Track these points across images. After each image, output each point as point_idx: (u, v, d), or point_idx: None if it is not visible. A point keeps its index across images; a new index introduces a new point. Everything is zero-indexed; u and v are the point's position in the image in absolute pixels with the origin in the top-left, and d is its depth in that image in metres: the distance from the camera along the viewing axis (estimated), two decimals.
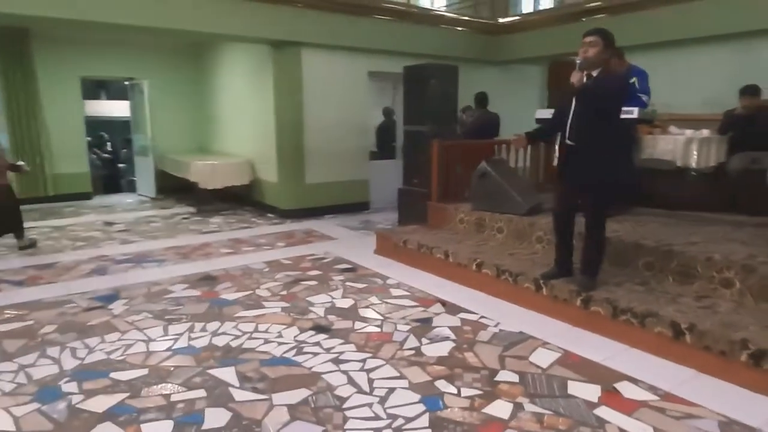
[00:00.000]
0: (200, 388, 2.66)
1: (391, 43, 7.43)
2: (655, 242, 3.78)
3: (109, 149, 11.52)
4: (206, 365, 2.91)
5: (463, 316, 3.65)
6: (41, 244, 5.66)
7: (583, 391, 2.62)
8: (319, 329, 3.42)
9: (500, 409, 2.46)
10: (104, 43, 8.49)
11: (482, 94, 6.82)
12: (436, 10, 9.32)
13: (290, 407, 2.48)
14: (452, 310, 3.77)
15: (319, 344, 3.19)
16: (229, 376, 2.78)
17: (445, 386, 2.67)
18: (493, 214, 4.96)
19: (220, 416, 2.41)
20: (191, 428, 2.32)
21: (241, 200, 8.20)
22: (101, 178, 10.15)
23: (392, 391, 2.63)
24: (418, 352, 3.09)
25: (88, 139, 9.19)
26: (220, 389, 2.65)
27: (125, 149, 10.98)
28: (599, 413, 2.42)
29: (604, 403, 2.50)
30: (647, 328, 3.04)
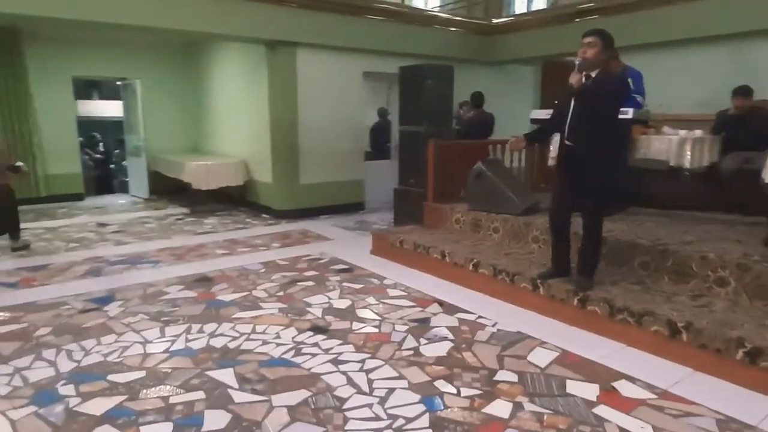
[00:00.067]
0: (199, 389, 2.65)
1: (385, 43, 7.43)
2: (650, 242, 3.82)
3: (101, 150, 11.43)
4: (204, 367, 2.89)
5: (460, 316, 3.66)
6: (34, 245, 5.60)
7: (581, 390, 2.63)
8: (317, 330, 3.41)
9: (500, 408, 2.47)
10: (96, 42, 8.42)
11: (478, 93, 6.85)
12: (429, 10, 9.34)
13: (290, 408, 2.47)
14: (450, 310, 3.78)
15: (317, 345, 3.18)
16: (227, 377, 2.77)
17: (444, 386, 2.68)
18: (489, 214, 4.98)
19: (219, 418, 2.40)
20: (191, 430, 2.30)
21: (235, 201, 8.16)
22: (93, 178, 10.06)
23: (392, 391, 2.63)
24: (416, 352, 3.09)
25: (80, 139, 9.11)
26: (219, 391, 2.64)
27: (118, 150, 10.90)
28: (598, 412, 2.43)
29: (602, 401, 2.52)
30: (644, 327, 3.07)
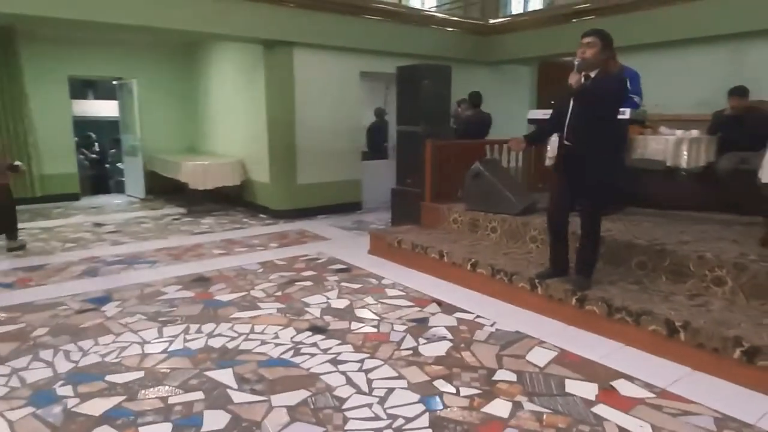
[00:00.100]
0: (198, 390, 2.64)
1: (382, 43, 7.43)
2: (647, 241, 3.83)
3: (96, 150, 11.38)
4: (203, 367, 2.88)
5: (459, 315, 3.66)
6: (30, 245, 5.57)
7: (580, 389, 2.64)
8: (315, 330, 3.41)
9: (499, 408, 2.48)
10: (92, 42, 8.39)
11: (476, 93, 6.86)
12: (426, 10, 9.35)
13: (290, 408, 2.47)
14: (448, 309, 3.78)
15: (316, 345, 3.18)
16: (226, 377, 2.77)
17: (443, 386, 2.68)
18: (486, 214, 4.98)
19: (219, 418, 2.39)
20: (190, 430, 2.30)
21: (232, 201, 8.14)
22: (89, 178, 10.02)
23: (391, 391, 2.63)
24: (415, 352, 3.09)
25: (75, 139, 9.07)
26: (218, 391, 2.63)
27: (114, 149, 10.86)
28: (597, 411, 2.44)
29: (601, 401, 2.53)
30: (642, 326, 3.08)
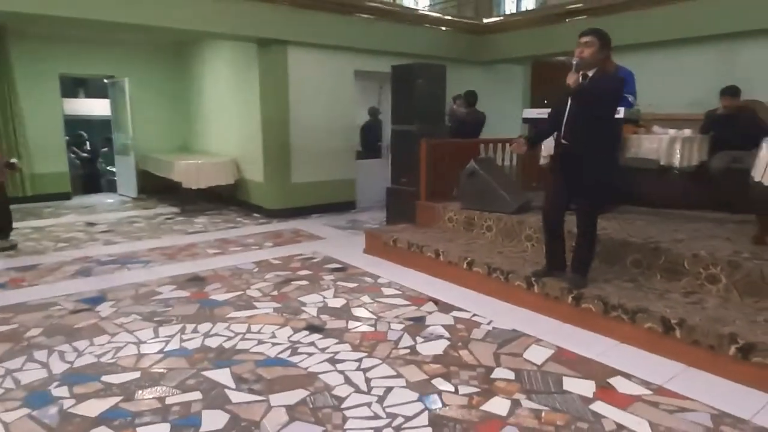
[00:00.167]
0: (195, 390, 2.62)
1: (377, 42, 7.43)
2: (642, 240, 3.85)
3: (88, 148, 11.28)
4: (200, 367, 2.87)
5: (456, 314, 3.67)
6: (21, 245, 5.51)
7: (578, 386, 2.65)
8: (312, 329, 3.40)
9: (498, 406, 2.48)
10: (84, 40, 8.32)
11: (471, 92, 6.87)
12: (420, 9, 9.35)
13: (288, 408, 2.46)
14: (445, 308, 3.78)
15: (313, 344, 3.17)
16: (224, 377, 2.75)
17: (442, 384, 2.68)
18: (481, 212, 5.00)
19: (217, 418, 2.38)
20: (189, 431, 2.28)
21: (225, 200, 8.10)
22: (80, 177, 9.94)
23: (390, 390, 2.63)
24: (413, 350, 3.09)
25: (66, 138, 8.98)
26: (215, 391, 2.61)
27: (105, 148, 10.78)
28: (595, 408, 2.46)
29: (599, 398, 2.54)
30: (638, 324, 3.10)
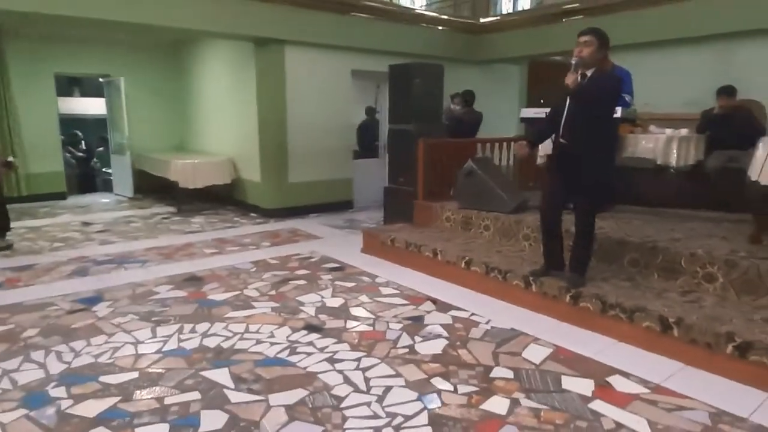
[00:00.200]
0: (194, 390, 2.62)
1: (374, 41, 7.42)
2: (639, 239, 3.87)
3: (83, 148, 11.21)
4: (198, 367, 2.86)
5: (454, 313, 3.67)
6: (17, 245, 5.48)
7: (576, 385, 2.66)
8: (311, 329, 3.39)
9: (497, 405, 2.49)
10: (79, 39, 8.28)
11: (470, 92, 6.88)
12: (417, 9, 9.35)
13: (288, 408, 2.45)
14: (443, 307, 3.79)
15: (312, 344, 3.17)
16: (222, 377, 2.74)
17: (441, 383, 2.68)
18: (479, 212, 5.00)
19: (216, 418, 2.37)
20: (188, 431, 2.28)
21: (222, 200, 8.08)
22: (76, 177, 9.87)
23: (389, 389, 2.63)
24: (411, 350, 3.09)
25: (61, 137, 8.93)
26: (214, 391, 2.61)
27: (101, 147, 10.72)
28: (594, 407, 2.46)
29: (598, 396, 2.55)
30: (635, 322, 3.11)
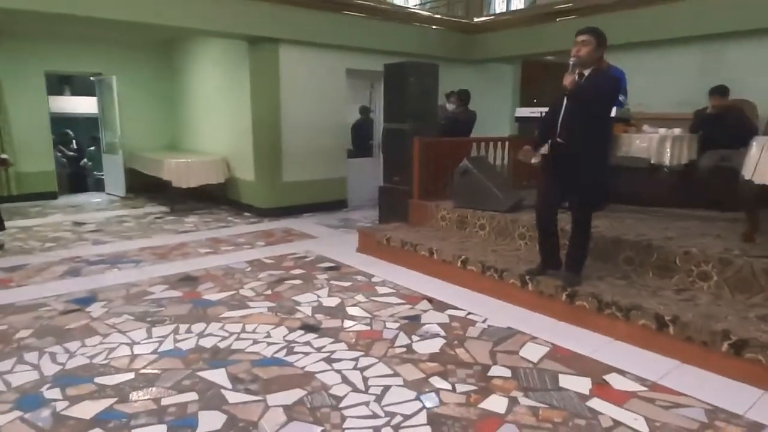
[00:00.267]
0: (191, 390, 2.60)
1: (368, 40, 7.40)
2: (634, 238, 3.89)
3: (74, 147, 11.11)
4: (195, 367, 2.84)
5: (450, 312, 3.67)
6: (8, 245, 5.42)
7: (574, 383, 2.67)
8: (307, 328, 3.38)
9: (496, 403, 2.49)
10: (70, 37, 8.19)
11: (465, 91, 6.89)
12: (410, 8, 9.34)
13: (286, 408, 2.44)
14: (439, 306, 3.79)
15: (309, 344, 3.16)
16: (220, 377, 2.73)
17: (439, 382, 2.69)
18: (474, 211, 5.01)
19: (214, 419, 2.36)
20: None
21: (215, 199, 8.03)
22: (67, 176, 9.78)
23: (387, 388, 2.63)
24: (409, 349, 3.09)
25: (52, 136, 8.84)
26: (212, 391, 2.59)
27: (92, 147, 10.63)
28: (592, 405, 2.47)
29: (595, 394, 2.56)
30: (631, 321, 3.13)
